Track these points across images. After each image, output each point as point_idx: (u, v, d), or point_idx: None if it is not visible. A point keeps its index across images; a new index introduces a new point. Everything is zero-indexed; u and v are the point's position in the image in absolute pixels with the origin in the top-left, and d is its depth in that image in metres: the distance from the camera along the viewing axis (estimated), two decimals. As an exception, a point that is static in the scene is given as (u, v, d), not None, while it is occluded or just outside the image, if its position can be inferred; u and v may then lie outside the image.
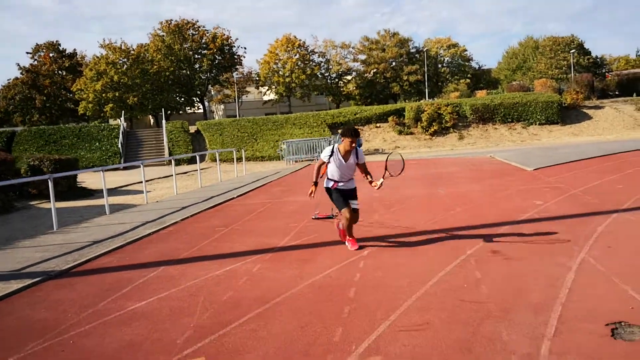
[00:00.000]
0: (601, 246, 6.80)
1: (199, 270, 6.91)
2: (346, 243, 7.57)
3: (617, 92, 41.87)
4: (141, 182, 20.83)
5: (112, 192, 18.93)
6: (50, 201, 11.44)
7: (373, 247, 7.53)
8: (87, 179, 21.90)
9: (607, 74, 53.37)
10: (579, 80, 41.47)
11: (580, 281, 5.45)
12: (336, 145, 7.33)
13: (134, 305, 5.63)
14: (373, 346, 4.20)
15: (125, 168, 28.45)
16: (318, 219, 10.07)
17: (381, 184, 7.21)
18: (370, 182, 7.30)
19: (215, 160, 28.94)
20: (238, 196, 14.61)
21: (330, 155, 7.26)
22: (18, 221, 12.67)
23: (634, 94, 40.02)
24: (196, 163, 20.25)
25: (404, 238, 8.11)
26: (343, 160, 7.22)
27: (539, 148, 27.41)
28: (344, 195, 7.32)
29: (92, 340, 4.73)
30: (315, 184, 7.30)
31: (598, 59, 71.98)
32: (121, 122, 38.56)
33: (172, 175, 21.79)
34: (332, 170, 7.33)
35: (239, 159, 24.89)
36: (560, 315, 4.58)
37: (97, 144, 34.38)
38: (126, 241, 9.04)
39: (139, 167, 30.02)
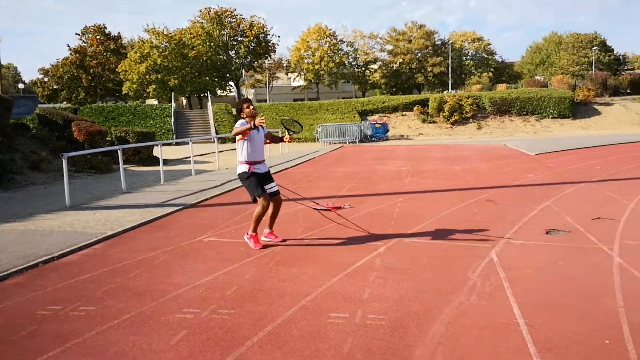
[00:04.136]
0: (563, 200, 10.07)
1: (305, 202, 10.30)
2: (246, 238, 7.02)
3: (629, 91, 44.47)
4: (202, 154, 24.45)
5: (179, 161, 22.49)
6: (138, 165, 15.00)
7: (407, 196, 10.93)
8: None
9: (622, 73, 55.73)
10: (594, 78, 44.18)
11: (540, 214, 8.75)
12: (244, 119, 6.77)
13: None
14: (412, 233, 7.57)
15: (177, 143, 32.06)
16: (318, 209, 9.53)
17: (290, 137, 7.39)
18: (282, 139, 7.47)
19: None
20: (291, 167, 18.00)
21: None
22: (126, 178, 16.12)
23: (643, 93, 42.76)
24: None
25: (426, 193, 11.48)
26: (257, 131, 6.74)
27: (547, 139, 30.46)
28: (259, 180, 6.81)
29: (243, 230, 8.14)
30: (252, 124, 6.44)
31: (620, 57, 74.20)
32: (172, 103, 42.26)
33: (223, 151, 25.32)
34: (248, 150, 6.77)
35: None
36: (520, 226, 7.89)
37: (152, 121, 38.12)
38: (225, 190, 12.48)
39: (183, 144, 33.67)
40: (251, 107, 6.83)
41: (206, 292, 5.35)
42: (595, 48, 63.89)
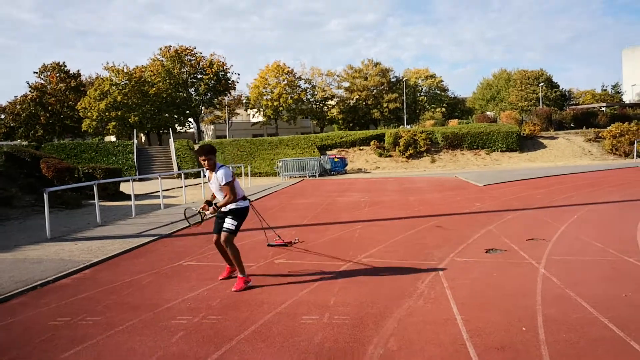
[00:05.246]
0: (504, 225, 11.26)
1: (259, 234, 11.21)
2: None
3: (572, 125, 47.05)
4: (167, 189, 25.06)
5: (146, 196, 23.11)
6: (105, 201, 15.68)
7: (364, 224, 11.98)
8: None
9: (567, 108, 58.80)
10: (539, 113, 46.67)
11: (483, 237, 9.88)
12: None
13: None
14: (369, 255, 8.58)
15: (141, 179, 32.55)
16: (272, 245, 9.73)
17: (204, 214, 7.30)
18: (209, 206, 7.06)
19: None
20: (255, 199, 18.89)
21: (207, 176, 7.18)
22: (95, 213, 16.74)
23: (584, 127, 45.32)
24: (200, 177, 24.56)
25: (383, 221, 12.55)
26: (209, 179, 7.08)
27: (496, 171, 32.16)
28: (220, 218, 7.23)
29: (218, 255, 9.01)
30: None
31: (566, 92, 77.98)
32: (134, 140, 42.83)
33: (187, 186, 26.00)
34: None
35: (244, 174, 29.18)
36: (464, 247, 8.99)
37: (114, 158, 38.52)
38: (196, 221, 13.25)
39: (150, 179, 34.23)
40: (201, 159, 6.93)
41: (194, 303, 6.22)
42: (541, 84, 67.13)
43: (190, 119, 66.41)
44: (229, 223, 6.97)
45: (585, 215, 12.11)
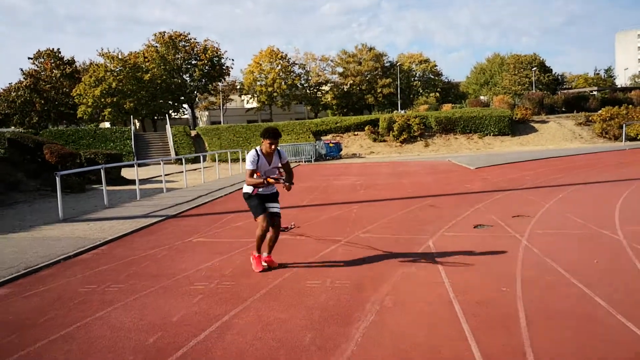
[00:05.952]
0: (492, 204, 11.94)
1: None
2: (251, 259, 7.09)
3: (563, 109, 47.71)
4: (168, 174, 25.61)
5: (147, 181, 23.71)
6: (108, 185, 16.32)
7: (361, 204, 12.65)
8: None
9: (559, 92, 59.46)
10: (531, 98, 47.31)
11: (472, 215, 10.56)
12: (258, 148, 6.80)
13: (237, 224, 10.54)
14: (366, 231, 9.24)
15: (141, 165, 33.04)
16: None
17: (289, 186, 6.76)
18: (282, 182, 6.67)
19: (214, 161, 33.81)
20: (254, 183, 19.53)
21: (257, 161, 6.69)
22: (100, 197, 17.34)
23: (575, 111, 46.03)
24: (199, 162, 25.13)
25: (378, 202, 13.22)
26: (268, 164, 6.78)
27: (488, 154, 32.87)
28: (263, 201, 6.96)
29: (224, 233, 9.65)
30: (265, 181, 6.63)
31: (559, 76, 78.72)
32: (131, 126, 43.28)
33: (188, 171, 26.57)
34: (254, 177, 6.78)
35: (242, 159, 29.77)
36: (454, 223, 9.66)
37: (112, 144, 38.95)
38: (199, 203, 13.92)
39: (149, 165, 34.71)
40: (269, 143, 6.65)
41: (208, 272, 6.87)
42: (534, 68, 67.78)
43: (185, 105, 66.78)
44: (276, 207, 7.18)
45: (570, 195, 12.81)
